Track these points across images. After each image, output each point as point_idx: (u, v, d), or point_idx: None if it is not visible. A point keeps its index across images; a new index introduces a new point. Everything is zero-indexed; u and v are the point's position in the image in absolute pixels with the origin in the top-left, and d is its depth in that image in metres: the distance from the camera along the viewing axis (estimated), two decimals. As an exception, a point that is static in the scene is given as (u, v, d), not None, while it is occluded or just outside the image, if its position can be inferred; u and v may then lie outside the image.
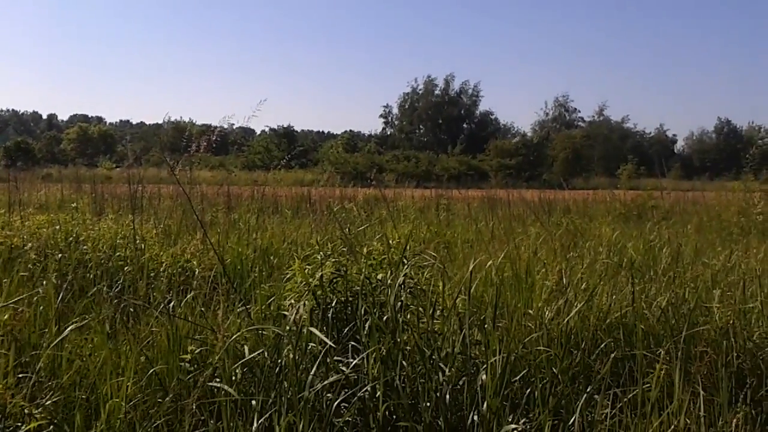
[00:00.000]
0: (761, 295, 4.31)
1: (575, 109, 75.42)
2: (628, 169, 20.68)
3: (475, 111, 76.86)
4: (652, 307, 4.03)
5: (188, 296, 3.85)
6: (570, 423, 2.75)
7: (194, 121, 66.00)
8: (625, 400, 2.98)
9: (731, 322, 3.88)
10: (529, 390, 2.98)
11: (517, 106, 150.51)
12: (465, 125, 75.62)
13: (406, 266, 3.40)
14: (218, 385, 2.79)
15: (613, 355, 3.21)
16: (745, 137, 78.33)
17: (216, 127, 6.05)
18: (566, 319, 3.52)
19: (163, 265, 5.02)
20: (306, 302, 3.19)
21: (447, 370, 2.86)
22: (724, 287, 4.56)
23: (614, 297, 4.14)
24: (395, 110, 78.28)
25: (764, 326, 3.98)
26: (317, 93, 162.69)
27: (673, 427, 2.79)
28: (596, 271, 5.10)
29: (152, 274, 4.86)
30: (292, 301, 3.32)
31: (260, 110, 5.48)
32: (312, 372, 2.72)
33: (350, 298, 3.30)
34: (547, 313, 3.74)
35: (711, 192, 14.83)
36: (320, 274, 3.30)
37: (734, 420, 2.88)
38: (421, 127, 76.67)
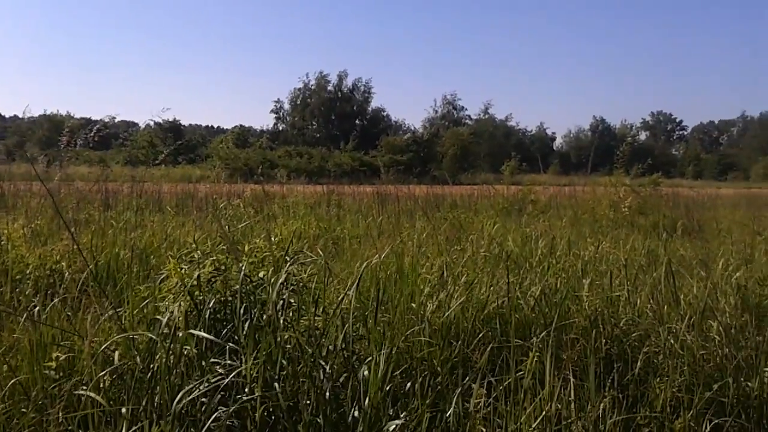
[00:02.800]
0: (627, 284, 4.61)
1: (463, 107, 77.68)
2: (511, 166, 21.47)
3: (368, 108, 77.26)
4: (527, 297, 4.20)
5: (55, 300, 3.62)
6: (447, 414, 2.82)
7: (72, 115, 62.16)
8: (501, 388, 3.09)
9: (600, 310, 4.12)
10: (409, 383, 3.03)
11: (408, 104, 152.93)
12: (357, 121, 75.82)
13: (289, 263, 3.36)
14: (85, 393, 2.64)
15: (490, 346, 3.32)
16: (618, 135, 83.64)
17: (96, 121, 5.74)
18: (446, 313, 3.61)
19: (30, 267, 4.70)
20: (182, 303, 3.08)
21: (328, 367, 2.85)
22: (593, 277, 4.83)
23: (492, 288, 4.29)
24: (287, 106, 77.42)
25: (630, 313, 4.23)
26: (206, 87, 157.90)
27: (544, 412, 2.92)
28: (477, 263, 5.27)
29: (18, 277, 4.54)
30: (168, 303, 3.19)
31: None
32: (187, 377, 2.63)
33: (230, 298, 3.22)
34: (429, 307, 3.81)
35: (586, 187, 15.71)
36: (197, 273, 3.20)
37: (602, 404, 3.06)
38: (313, 122, 76.14)
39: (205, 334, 2.76)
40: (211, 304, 3.16)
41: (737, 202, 15.51)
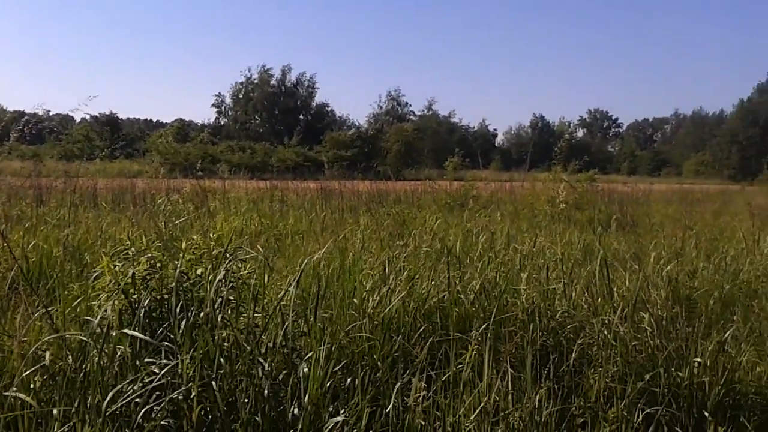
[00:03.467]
0: (564, 278, 4.72)
1: (407, 103, 78.01)
2: (454, 162, 21.67)
3: (312, 103, 76.76)
4: (467, 291, 4.25)
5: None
6: (387, 409, 2.83)
7: (5, 108, 59.53)
8: (440, 382, 3.12)
9: (537, 303, 4.21)
10: (350, 379, 3.02)
11: (352, 100, 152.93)
12: (302, 116, 75.30)
13: (227, 260, 3.31)
14: (15, 394, 2.54)
15: (430, 340, 3.35)
16: (556, 132, 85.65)
17: (30, 114, 5.50)
18: (387, 308, 3.62)
19: (-47, 266, 4.48)
20: (115, 302, 2.98)
21: (267, 365, 2.82)
22: (531, 271, 4.93)
23: (433, 283, 4.32)
24: (228, 100, 76.19)
25: (566, 306, 4.33)
26: (144, 79, 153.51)
27: (482, 404, 2.96)
28: (419, 259, 5.32)
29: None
30: (101, 302, 3.09)
31: (86, 104, 5.06)
32: (122, 377, 2.56)
33: (166, 296, 3.15)
34: (370, 302, 3.82)
35: (526, 182, 16.02)
36: (132, 271, 3.11)
37: (538, 395, 3.12)
38: (256, 117, 75.18)
39: (137, 334, 2.68)
40: (146, 303, 3.08)
41: (669, 198, 16.10)
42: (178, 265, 3.16)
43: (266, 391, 2.71)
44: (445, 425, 2.86)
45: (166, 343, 2.79)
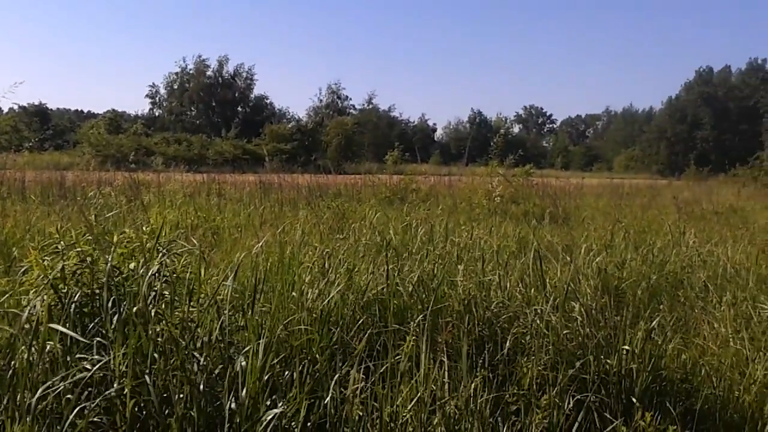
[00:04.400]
0: (499, 269, 4.83)
1: (347, 96, 77.80)
2: (394, 155, 21.76)
3: (250, 95, 75.69)
4: (406, 283, 4.29)
5: None
6: (325, 401, 2.84)
7: None
8: (378, 373, 3.15)
9: (473, 294, 4.29)
10: (288, 372, 3.01)
11: (292, 92, 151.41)
12: (240, 109, 74.16)
13: (161, 254, 3.24)
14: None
15: (368, 332, 3.37)
16: (493, 127, 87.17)
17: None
18: (326, 300, 3.62)
19: None
20: (44, 297, 2.88)
21: (203, 359, 2.78)
22: (468, 263, 5.02)
23: (372, 276, 4.35)
24: (163, 90, 74.29)
25: (501, 296, 4.43)
26: (75, 68, 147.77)
27: (419, 394, 3.01)
28: (359, 252, 5.33)
29: None
30: (30, 297, 2.98)
31: (13, 92, 4.86)
32: (52, 373, 2.48)
33: (97, 291, 3.06)
34: (309, 295, 3.81)
35: (464, 176, 16.27)
36: (61, 265, 3.01)
37: (473, 384, 3.19)
38: (192, 108, 73.59)
39: (65, 329, 2.60)
40: (76, 298, 2.99)
41: (601, 192, 16.64)
42: (110, 260, 3.07)
43: (202, 386, 2.67)
44: (382, 415, 2.89)
45: (97, 339, 2.72)
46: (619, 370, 3.63)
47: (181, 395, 2.66)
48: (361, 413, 2.86)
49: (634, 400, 3.48)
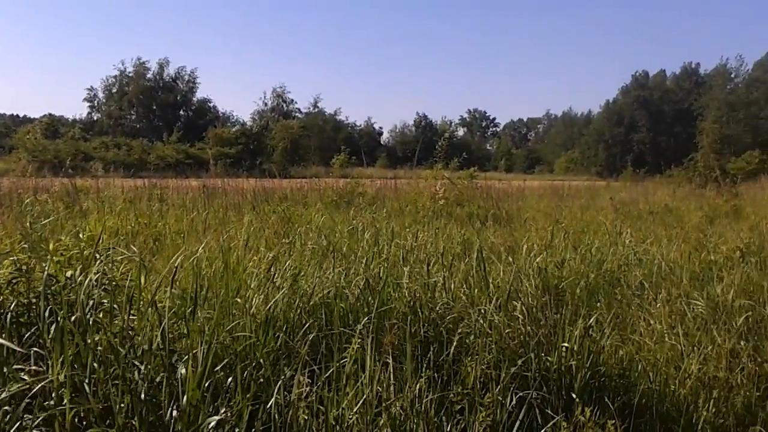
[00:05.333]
0: (444, 271, 4.90)
1: (293, 100, 77.24)
2: (341, 159, 21.79)
3: (193, 98, 74.36)
4: (352, 286, 4.31)
5: None
6: (269, 405, 2.83)
7: None
8: (324, 377, 3.15)
9: (418, 295, 4.34)
10: (231, 378, 2.99)
11: (236, 96, 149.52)
12: (182, 112, 72.79)
13: (99, 261, 3.17)
14: None
15: (312, 335, 3.37)
16: (439, 130, 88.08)
17: None
18: (269, 305, 3.61)
19: None
20: (-24, 308, 2.79)
21: (143, 368, 2.73)
22: (413, 265, 5.07)
23: (319, 280, 4.35)
24: (101, 94, 72.28)
25: (446, 298, 4.49)
26: (9, 71, 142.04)
27: (365, 396, 3.03)
28: (305, 256, 5.32)
29: None
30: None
31: None
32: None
33: (34, 300, 2.97)
34: (255, 300, 3.79)
35: (410, 180, 16.37)
36: (-6, 275, 2.91)
37: (418, 384, 3.23)
38: (132, 112, 71.84)
39: (1, 340, 2.51)
40: (12, 307, 2.90)
41: (542, 194, 17.01)
42: (46, 268, 2.99)
43: (143, 395, 2.63)
44: (328, 419, 2.89)
45: (34, 349, 2.64)
46: (559, 366, 3.72)
47: (122, 404, 2.61)
48: (306, 417, 2.86)
49: (574, 395, 3.58)
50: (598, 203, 13.65)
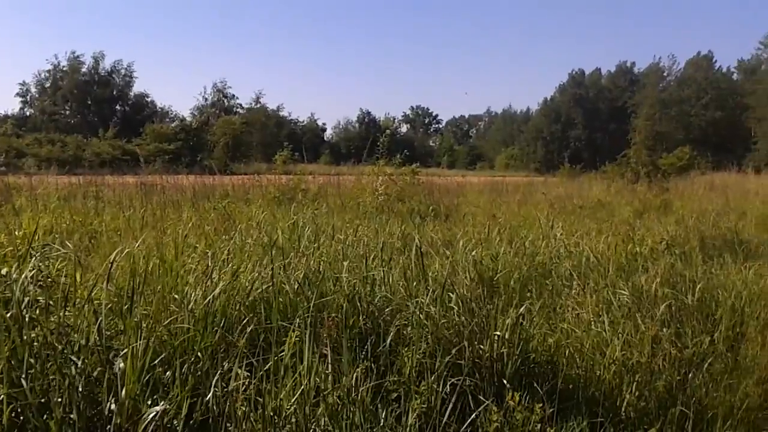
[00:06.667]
0: (383, 265, 5.01)
1: (234, 95, 76.03)
2: (284, 155, 21.63)
3: (129, 93, 72.32)
4: (291, 281, 4.37)
5: None
6: (207, 398, 2.89)
7: None
8: (263, 369, 3.22)
9: (357, 289, 4.44)
10: (169, 371, 3.03)
11: (175, 90, 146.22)
12: (118, 107, 70.80)
13: (34, 258, 3.15)
14: None
15: (250, 329, 3.43)
16: (382, 127, 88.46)
17: None
18: (207, 300, 3.65)
19: None
20: None
21: (80, 363, 2.75)
22: (353, 259, 5.17)
23: (258, 275, 4.40)
24: (34, 89, 69.64)
25: (384, 291, 4.61)
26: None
27: (303, 386, 3.11)
28: (245, 252, 5.35)
29: None
30: None
31: None
32: None
33: (-35, 298, 2.94)
34: (192, 296, 3.81)
35: (353, 176, 16.47)
36: None
37: (354, 374, 3.33)
38: (66, 108, 69.46)
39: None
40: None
41: (481, 189, 17.38)
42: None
43: (80, 389, 2.65)
44: (266, 410, 2.97)
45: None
46: (491, 354, 3.87)
47: (60, 399, 2.62)
48: (244, 408, 2.93)
49: (505, 381, 3.74)
50: (535, 198, 14.04)
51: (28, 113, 69.34)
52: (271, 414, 2.98)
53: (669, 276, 5.86)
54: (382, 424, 3.21)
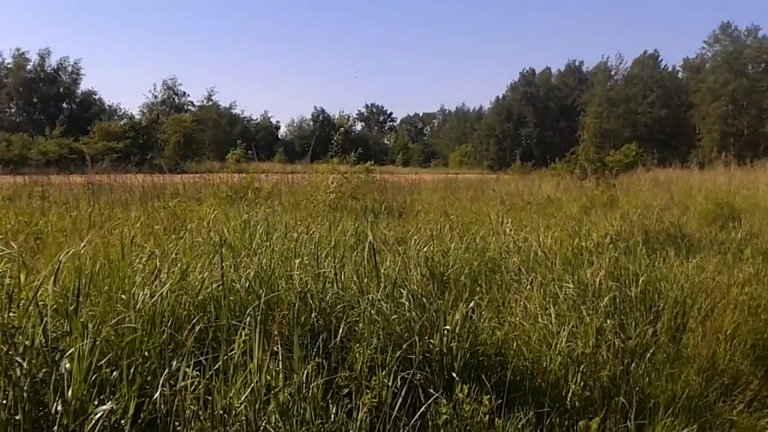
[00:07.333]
0: (335, 262, 5.03)
1: (184, 92, 74.69)
2: (237, 153, 21.39)
3: (77, 90, 70.63)
4: (242, 279, 4.36)
5: None
6: (154, 397, 2.87)
7: None
8: (212, 368, 3.21)
9: (309, 286, 4.45)
10: (116, 371, 2.99)
11: (123, 88, 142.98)
12: (65, 105, 69.00)
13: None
14: None
15: (199, 328, 3.42)
16: (336, 124, 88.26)
17: None
18: (154, 299, 3.61)
19: None
20: None
21: (26, 364, 2.70)
22: (305, 257, 5.18)
23: (208, 274, 4.37)
24: (-23, 87, 67.23)
25: (336, 288, 4.63)
26: None
27: (253, 384, 3.12)
28: (196, 251, 5.30)
29: None
30: None
31: None
32: None
33: None
34: (140, 296, 3.76)
35: (307, 174, 16.40)
36: None
37: (305, 371, 3.34)
38: (12, 105, 67.36)
39: None
40: None
41: (435, 187, 17.51)
42: None
43: (26, 390, 2.61)
44: (215, 408, 2.96)
45: None
46: (441, 348, 3.93)
47: (5, 401, 2.58)
48: (193, 407, 2.92)
49: (454, 375, 3.81)
50: (487, 195, 14.23)
51: (-29, 112, 66.99)
52: (221, 412, 2.98)
53: (613, 269, 6.03)
54: (332, 419, 3.24)
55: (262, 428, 3.03)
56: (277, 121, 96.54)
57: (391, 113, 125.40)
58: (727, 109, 70.36)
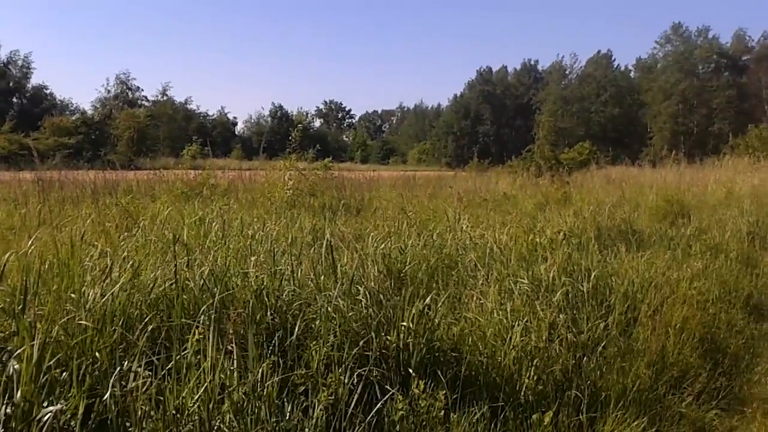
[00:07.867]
0: (292, 260, 5.00)
1: (138, 87, 73.20)
2: (193, 149, 21.09)
3: (27, 85, 68.63)
4: (196, 278, 4.29)
5: None
6: (104, 398, 2.81)
7: None
8: (166, 369, 3.16)
9: (265, 284, 4.41)
10: (66, 372, 2.93)
11: (75, 82, 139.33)
12: (15, 100, 66.95)
13: None
14: None
15: (151, 327, 3.36)
16: (295, 121, 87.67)
17: None
18: (104, 298, 3.54)
19: None
20: None
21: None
22: (261, 255, 5.13)
23: (160, 272, 4.29)
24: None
25: (293, 286, 4.60)
26: None
27: (206, 384, 3.08)
28: (148, 249, 5.20)
29: None
30: None
31: None
32: None
33: None
34: (90, 295, 3.68)
35: (265, 170, 16.23)
36: None
37: (260, 369, 3.31)
38: (-40, 100, 65.01)
39: None
40: None
41: (394, 184, 17.55)
42: None
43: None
44: (168, 408, 2.92)
45: None
46: (397, 344, 3.95)
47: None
48: (145, 408, 2.87)
49: (411, 371, 3.83)
50: (444, 192, 14.32)
51: None
52: (174, 412, 2.93)
53: (566, 265, 6.14)
54: (288, 417, 3.22)
55: (215, 428, 3.00)
56: (235, 117, 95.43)
57: (349, 110, 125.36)
58: (677, 108, 72.41)
